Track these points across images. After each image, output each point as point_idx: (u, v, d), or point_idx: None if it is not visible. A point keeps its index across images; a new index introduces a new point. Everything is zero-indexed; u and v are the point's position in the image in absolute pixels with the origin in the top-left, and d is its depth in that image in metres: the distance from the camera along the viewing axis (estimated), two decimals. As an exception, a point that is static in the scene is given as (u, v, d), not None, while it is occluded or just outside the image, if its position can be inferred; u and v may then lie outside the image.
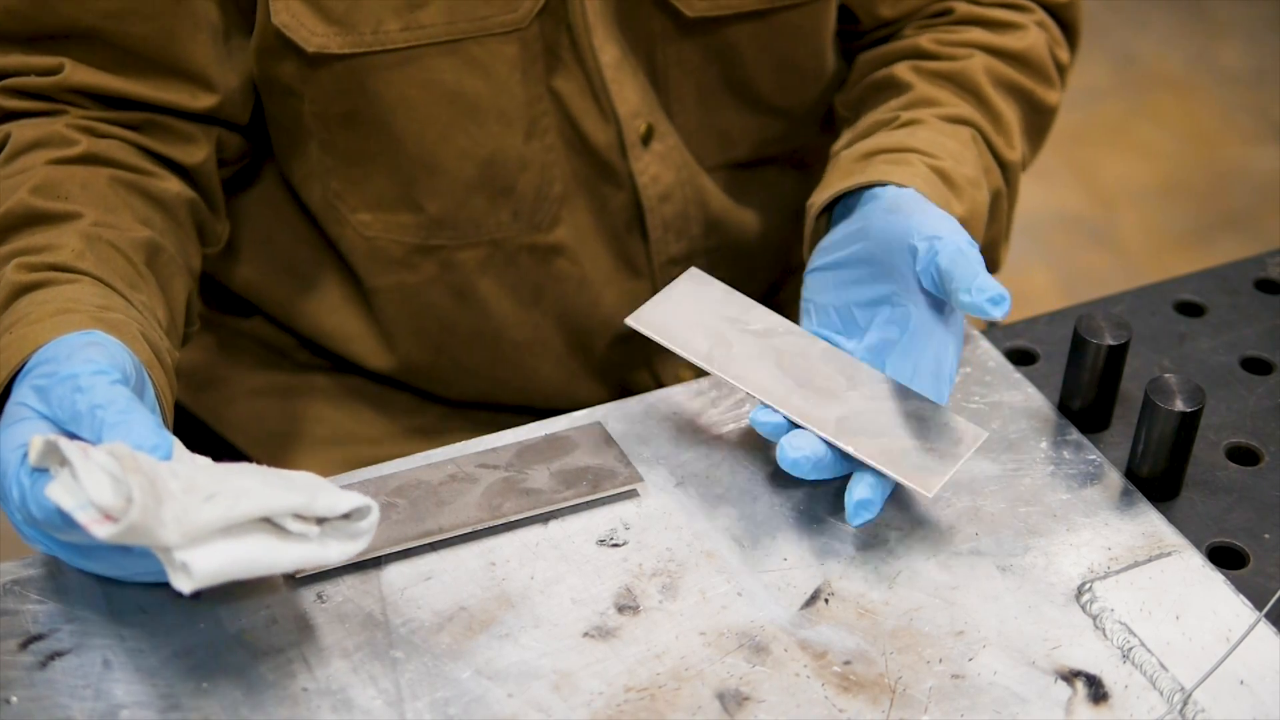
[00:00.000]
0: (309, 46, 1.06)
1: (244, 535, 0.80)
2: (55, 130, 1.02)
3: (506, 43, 1.08)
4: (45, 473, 0.81)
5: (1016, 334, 1.11)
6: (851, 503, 0.92)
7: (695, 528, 0.95)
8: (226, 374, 1.29)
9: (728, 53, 1.16)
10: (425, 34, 1.06)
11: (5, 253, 0.96)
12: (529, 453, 0.98)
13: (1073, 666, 0.88)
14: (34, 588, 0.89)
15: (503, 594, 0.90)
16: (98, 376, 0.83)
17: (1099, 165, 2.95)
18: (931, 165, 1.05)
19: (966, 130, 1.11)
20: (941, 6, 1.20)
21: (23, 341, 0.88)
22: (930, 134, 1.09)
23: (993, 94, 1.15)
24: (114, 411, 0.82)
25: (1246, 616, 0.90)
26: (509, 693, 0.85)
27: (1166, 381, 0.97)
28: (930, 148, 1.07)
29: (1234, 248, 2.68)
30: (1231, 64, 3.21)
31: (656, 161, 1.16)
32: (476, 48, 1.08)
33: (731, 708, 0.85)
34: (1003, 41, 1.17)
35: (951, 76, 1.15)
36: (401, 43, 1.07)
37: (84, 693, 0.84)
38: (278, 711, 0.83)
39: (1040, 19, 1.21)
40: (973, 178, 1.07)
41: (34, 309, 0.91)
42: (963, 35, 1.18)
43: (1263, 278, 1.18)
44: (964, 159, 1.08)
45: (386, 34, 1.06)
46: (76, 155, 1.02)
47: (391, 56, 1.07)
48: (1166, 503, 0.98)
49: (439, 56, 1.07)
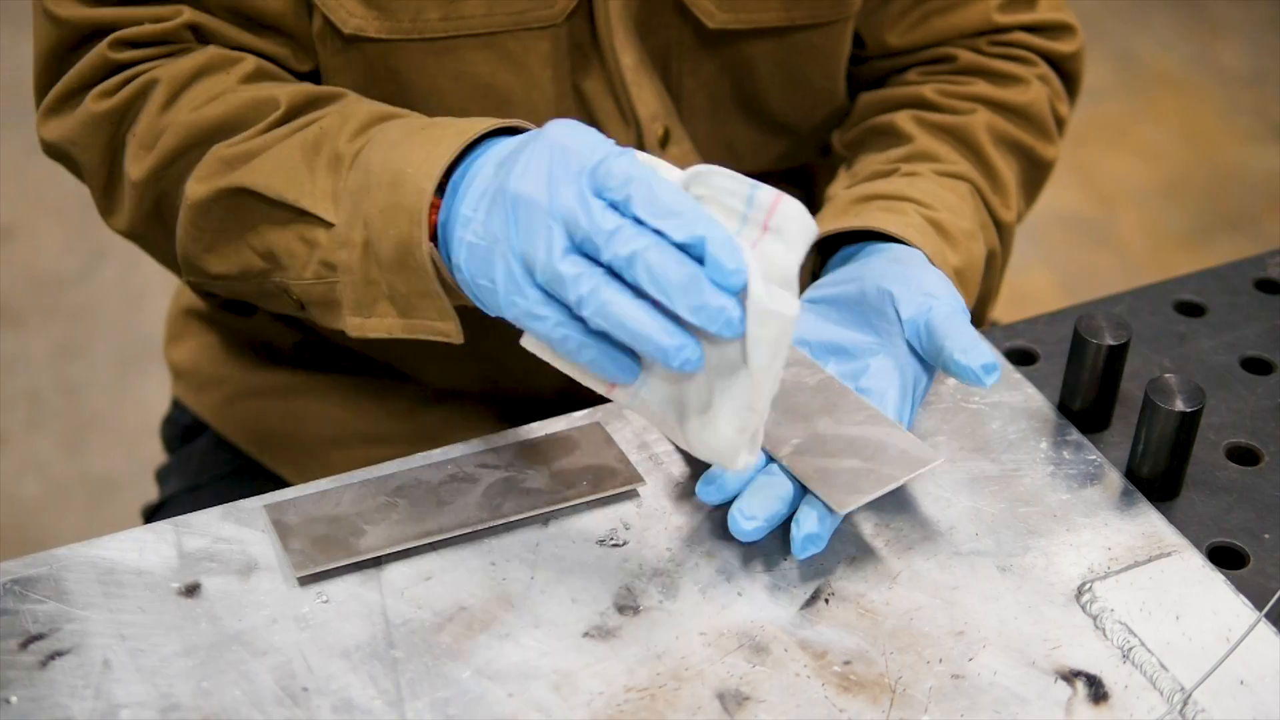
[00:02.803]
0: (346, 28, 1.06)
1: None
2: (211, 55, 1.03)
3: (540, 38, 1.08)
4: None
5: (1016, 334, 1.11)
6: (799, 536, 0.90)
7: (695, 528, 0.95)
8: (226, 374, 1.29)
9: (742, 67, 1.16)
10: (464, 25, 1.07)
11: (317, 114, 1.01)
12: (529, 453, 0.98)
13: (1073, 666, 0.88)
14: (34, 588, 0.89)
15: (503, 594, 0.90)
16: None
17: (1099, 165, 2.95)
18: (927, 216, 1.06)
19: (964, 185, 1.12)
20: (945, 52, 1.20)
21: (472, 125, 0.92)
22: (928, 185, 1.09)
23: (993, 153, 1.15)
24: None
25: (1246, 616, 0.90)
26: (509, 693, 0.85)
27: (1166, 381, 0.97)
28: (927, 199, 1.08)
29: (1234, 248, 2.68)
30: (1231, 64, 3.21)
31: (674, 165, 1.16)
32: (512, 41, 1.08)
33: (731, 708, 0.85)
34: (1006, 96, 1.18)
35: (953, 131, 1.15)
36: (440, 32, 1.06)
37: (84, 693, 0.84)
38: (278, 711, 0.83)
39: (1043, 73, 1.21)
40: (969, 230, 1.08)
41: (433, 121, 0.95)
42: (966, 88, 1.18)
43: (1263, 278, 1.18)
44: (961, 212, 1.09)
45: (426, 22, 1.06)
46: (253, 70, 1.04)
47: (428, 45, 1.07)
48: (1166, 503, 0.98)
49: (475, 49, 1.08)
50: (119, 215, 1.08)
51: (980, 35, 1.20)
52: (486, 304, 0.88)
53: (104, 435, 2.38)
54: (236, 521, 0.94)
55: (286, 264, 1.00)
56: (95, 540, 0.92)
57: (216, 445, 1.30)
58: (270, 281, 1.02)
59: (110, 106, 1.03)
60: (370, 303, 0.96)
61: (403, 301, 0.95)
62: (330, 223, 0.97)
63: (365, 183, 0.95)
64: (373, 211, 0.94)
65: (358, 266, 0.96)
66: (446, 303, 0.94)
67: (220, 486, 1.28)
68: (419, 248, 0.92)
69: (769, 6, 1.13)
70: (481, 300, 0.88)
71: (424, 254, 0.92)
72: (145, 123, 1.03)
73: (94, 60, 1.04)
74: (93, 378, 2.46)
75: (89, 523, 2.22)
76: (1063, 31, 1.22)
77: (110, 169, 1.06)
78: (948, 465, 0.99)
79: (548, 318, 0.84)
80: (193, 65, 1.03)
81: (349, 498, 0.95)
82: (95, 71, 1.04)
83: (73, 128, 1.05)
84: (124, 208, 1.07)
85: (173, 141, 1.02)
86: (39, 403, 2.42)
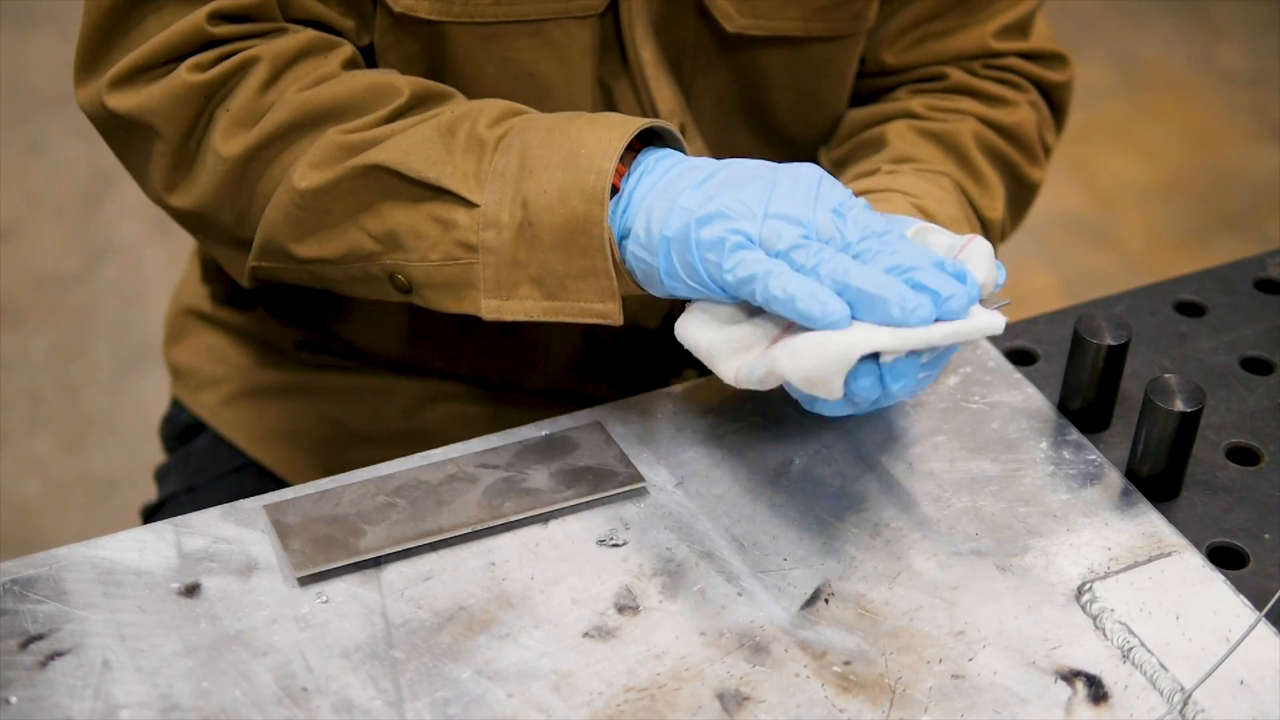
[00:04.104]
0: (396, 6, 1.05)
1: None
2: (313, 38, 1.03)
3: (583, 28, 1.09)
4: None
5: (1016, 334, 1.11)
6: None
7: (695, 528, 0.95)
8: (226, 374, 1.29)
9: (754, 75, 1.16)
10: (514, 11, 1.06)
11: (441, 107, 1.01)
12: (529, 453, 0.98)
13: (1073, 666, 0.88)
14: (34, 588, 0.89)
15: (503, 594, 0.90)
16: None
17: (1099, 165, 2.95)
18: (914, 203, 1.07)
19: (947, 180, 1.13)
20: (937, 71, 1.21)
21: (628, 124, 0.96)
22: (910, 180, 1.10)
23: (978, 157, 1.16)
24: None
25: (1246, 616, 0.90)
26: (509, 693, 0.85)
27: (1166, 381, 0.97)
28: (912, 190, 1.08)
29: (1234, 248, 2.68)
30: (1231, 64, 3.21)
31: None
32: (557, 30, 1.08)
33: (731, 708, 0.85)
34: (994, 114, 1.19)
35: (939, 136, 1.16)
36: (490, 16, 1.06)
37: (84, 693, 0.84)
38: (277, 711, 0.83)
39: (1033, 99, 1.22)
40: (955, 216, 1.09)
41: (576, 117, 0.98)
42: (956, 104, 1.19)
43: (1263, 278, 1.18)
44: (945, 202, 1.10)
45: (476, 6, 1.06)
46: (351, 56, 1.04)
47: (476, 29, 1.07)
48: (1166, 503, 0.98)
49: (522, 36, 1.08)
50: (187, 191, 1.04)
51: (975, 59, 1.21)
52: (706, 283, 0.91)
53: (103, 435, 2.38)
54: (236, 521, 0.94)
55: (410, 245, 0.99)
56: (95, 540, 0.92)
57: (216, 445, 1.30)
58: (376, 264, 1.01)
59: (207, 79, 1.00)
60: (512, 285, 0.97)
61: (554, 283, 0.96)
62: (474, 203, 0.97)
63: (524, 164, 0.96)
64: (536, 191, 0.95)
65: (506, 247, 0.96)
66: (614, 283, 0.95)
67: (220, 486, 1.28)
68: (598, 226, 0.93)
69: (788, 15, 1.13)
70: (699, 279, 0.91)
71: (602, 233, 0.93)
72: (243, 99, 1.01)
73: (186, 30, 1.01)
74: (93, 378, 2.46)
75: (89, 523, 2.22)
76: (1055, 61, 1.24)
77: (189, 143, 1.03)
78: (948, 465, 0.99)
79: (768, 260, 0.89)
80: (295, 45, 1.02)
81: (349, 498, 0.95)
82: (188, 42, 1.01)
83: (159, 97, 1.01)
84: (198, 183, 1.03)
85: (281, 117, 1.00)
86: (39, 403, 2.42)
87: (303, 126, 1.00)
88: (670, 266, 0.92)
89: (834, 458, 1.00)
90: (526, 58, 1.08)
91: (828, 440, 1.01)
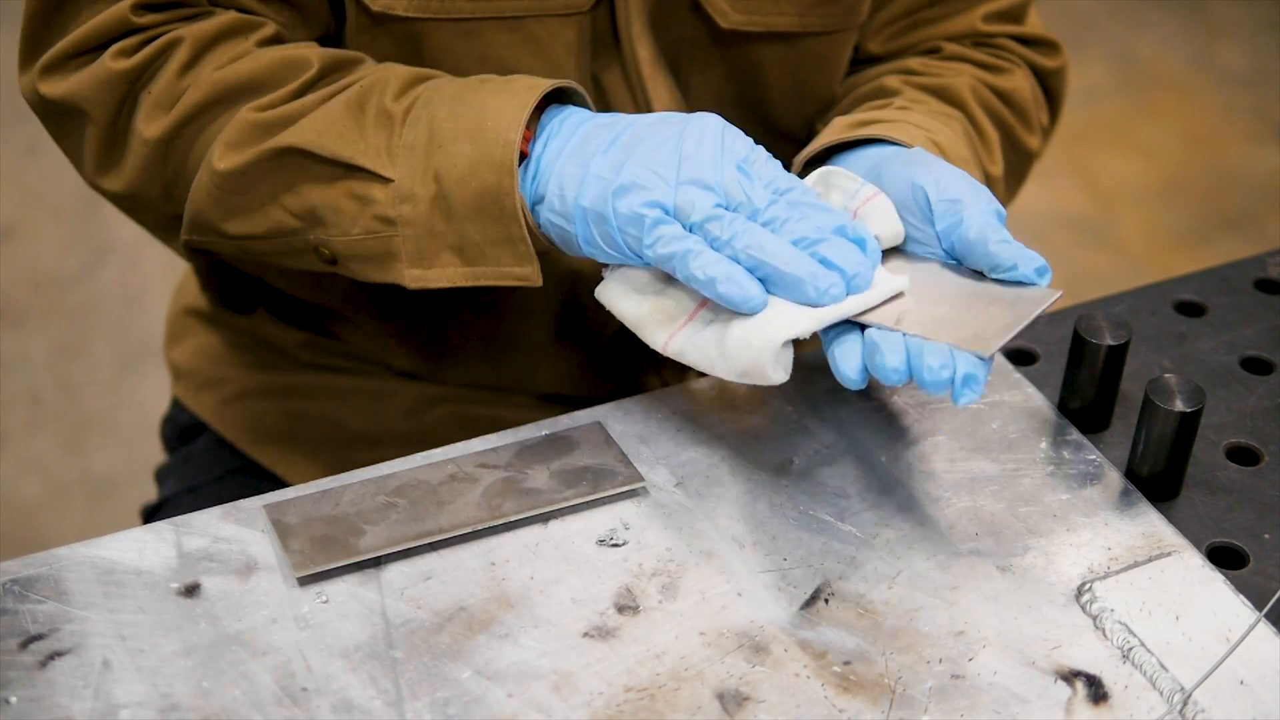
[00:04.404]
0: (374, 4, 1.06)
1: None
2: (234, 19, 1.04)
3: (566, 25, 1.09)
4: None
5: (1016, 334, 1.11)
6: (958, 378, 0.88)
7: (695, 528, 0.95)
8: (226, 374, 1.29)
9: (750, 70, 1.16)
10: (491, 7, 1.07)
11: (349, 76, 1.03)
12: (529, 453, 0.98)
13: (1073, 666, 0.88)
14: (34, 588, 0.89)
15: (503, 594, 0.90)
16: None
17: (1099, 165, 2.95)
18: (929, 137, 1.06)
19: (957, 123, 1.12)
20: (932, 45, 1.21)
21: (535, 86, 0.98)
22: (923, 117, 1.09)
23: (977, 110, 1.16)
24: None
25: (1246, 616, 0.90)
26: (509, 693, 0.85)
27: (1166, 381, 0.97)
28: (925, 125, 1.08)
29: (1234, 248, 2.68)
30: (1231, 64, 3.21)
31: None
32: (538, 26, 1.08)
33: (731, 708, 0.85)
34: (990, 79, 1.19)
35: (938, 90, 1.16)
36: (468, 13, 1.07)
37: (84, 693, 0.84)
38: (277, 711, 0.83)
39: (1027, 73, 1.22)
40: (965, 156, 1.08)
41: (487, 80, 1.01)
42: (951, 65, 1.19)
43: (1263, 278, 1.18)
44: (956, 142, 1.09)
45: (454, 3, 1.06)
46: (272, 34, 1.05)
47: (454, 26, 1.07)
48: (1166, 503, 0.98)
49: (500, 32, 1.08)
50: (117, 175, 1.07)
51: (965, 38, 1.21)
52: (623, 250, 0.94)
53: (104, 435, 2.38)
54: (236, 521, 0.94)
55: (331, 221, 1.01)
56: (95, 540, 0.92)
57: (216, 445, 1.30)
58: (300, 239, 1.03)
59: (131, 64, 1.03)
60: (433, 254, 1.00)
61: (473, 251, 0.99)
62: (388, 178, 0.99)
63: (433, 138, 0.98)
64: (447, 164, 0.97)
65: (423, 219, 0.99)
66: (529, 247, 0.98)
67: (220, 487, 1.28)
68: (509, 196, 0.96)
69: (783, 10, 1.13)
70: (616, 246, 0.94)
71: (514, 202, 0.96)
72: (164, 82, 1.03)
73: (111, 19, 1.03)
74: (93, 378, 2.47)
75: (89, 523, 2.22)
76: (1047, 47, 1.24)
77: (116, 127, 1.06)
78: (948, 465, 0.99)
79: (688, 237, 0.91)
80: (216, 26, 1.04)
81: (349, 498, 0.95)
82: (112, 30, 1.04)
83: (86, 83, 1.04)
84: (127, 166, 1.06)
85: (196, 97, 1.02)
86: (39, 403, 2.42)
87: (218, 105, 1.03)
88: (589, 234, 0.95)
89: (834, 458, 1.00)
90: (506, 54, 1.09)
91: (828, 440, 1.01)
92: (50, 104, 1.06)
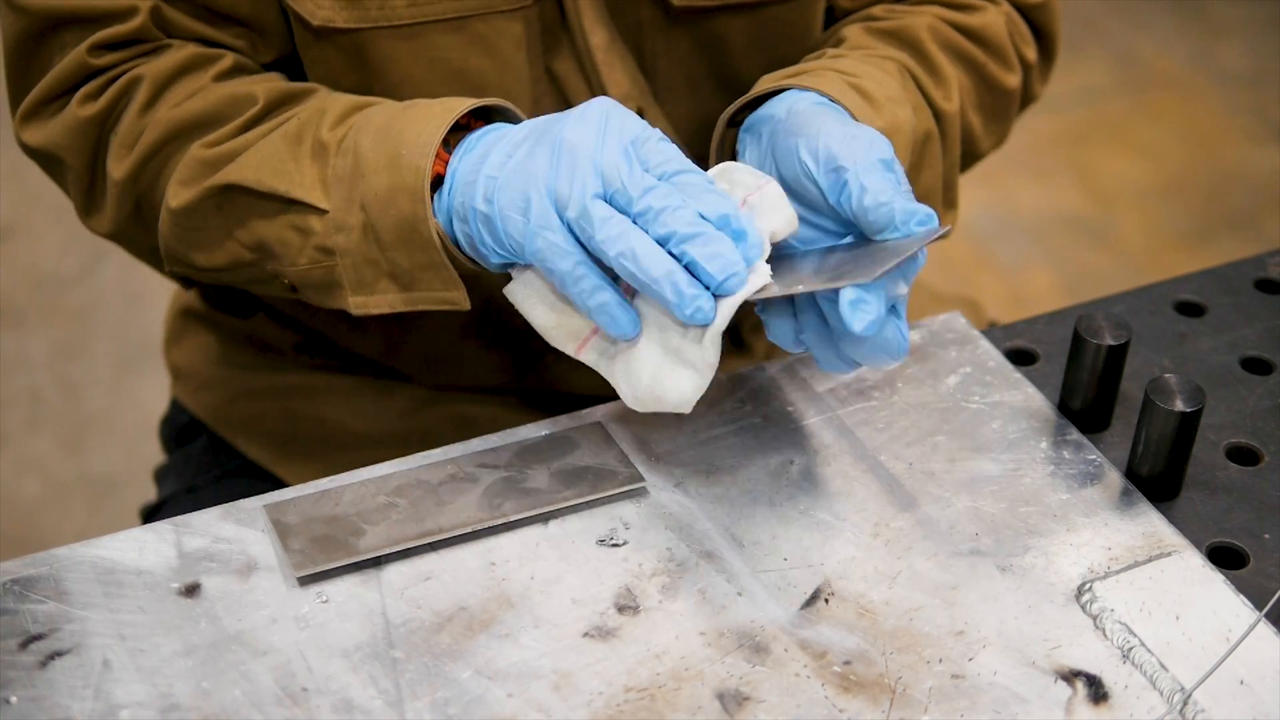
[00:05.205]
0: (314, 20, 1.06)
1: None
2: (192, 53, 1.06)
3: (512, 20, 1.09)
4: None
5: (1016, 334, 1.11)
6: (846, 305, 0.88)
7: (695, 528, 0.95)
8: (226, 374, 1.29)
9: (717, 44, 1.16)
10: (430, 10, 1.07)
11: (293, 110, 1.03)
12: (529, 453, 0.98)
13: (1073, 666, 0.88)
14: (34, 588, 0.89)
15: (503, 594, 0.90)
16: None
17: (1099, 165, 2.95)
18: (849, 81, 1.04)
19: (892, 64, 1.10)
20: None
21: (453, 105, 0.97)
22: (852, 62, 1.08)
23: (933, 49, 1.14)
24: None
25: (1246, 616, 0.90)
26: (509, 693, 0.85)
27: (1166, 381, 0.97)
28: (850, 70, 1.06)
29: (1234, 248, 2.68)
30: (1231, 64, 3.21)
31: None
32: (482, 25, 1.08)
33: (731, 708, 0.85)
34: (957, 17, 1.17)
35: (894, 32, 1.14)
36: (407, 18, 1.07)
37: (84, 693, 0.84)
38: (277, 711, 0.83)
39: (1006, 10, 1.20)
40: (895, 96, 1.06)
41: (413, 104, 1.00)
42: (915, 8, 1.17)
43: (1263, 278, 1.18)
44: (886, 84, 1.07)
45: (392, 9, 1.07)
46: (230, 66, 1.07)
47: (396, 32, 1.08)
48: (1166, 503, 0.98)
49: (444, 34, 1.08)
50: (102, 217, 1.10)
51: None
52: (507, 245, 0.92)
53: (103, 435, 2.37)
54: (236, 521, 0.94)
55: (279, 253, 1.03)
56: (95, 540, 0.92)
57: (215, 446, 1.30)
58: (259, 270, 1.05)
59: (97, 110, 1.06)
60: (371, 281, 1.00)
61: (405, 277, 0.99)
62: (323, 209, 1.00)
63: (357, 167, 0.99)
64: (370, 194, 0.98)
65: (357, 248, 1.00)
66: (453, 272, 0.98)
67: (219, 487, 1.28)
68: (424, 223, 0.96)
69: None
70: (501, 242, 0.92)
71: (429, 229, 0.96)
72: (127, 123, 1.05)
73: (72, 65, 1.05)
74: (92, 378, 2.46)
75: (88, 523, 2.22)
76: None
77: (94, 171, 1.08)
78: (948, 465, 0.99)
79: (571, 254, 0.90)
80: (174, 63, 1.05)
81: (349, 498, 0.95)
82: (74, 76, 1.06)
83: (59, 132, 1.07)
84: (106, 208, 1.09)
85: (152, 137, 1.04)
86: (39, 403, 2.42)
87: (173, 141, 1.05)
88: (481, 236, 0.94)
89: (834, 458, 1.00)
90: (453, 55, 1.09)
91: (828, 440, 1.01)
92: (33, 152, 1.10)
